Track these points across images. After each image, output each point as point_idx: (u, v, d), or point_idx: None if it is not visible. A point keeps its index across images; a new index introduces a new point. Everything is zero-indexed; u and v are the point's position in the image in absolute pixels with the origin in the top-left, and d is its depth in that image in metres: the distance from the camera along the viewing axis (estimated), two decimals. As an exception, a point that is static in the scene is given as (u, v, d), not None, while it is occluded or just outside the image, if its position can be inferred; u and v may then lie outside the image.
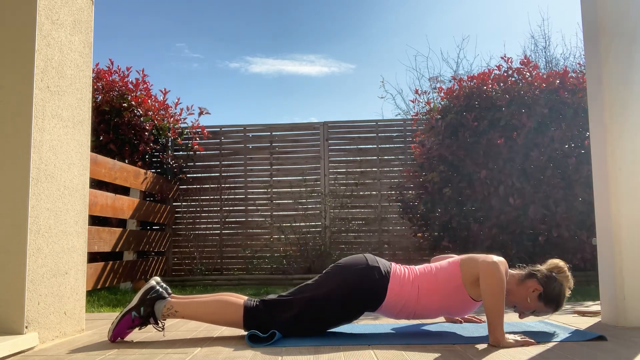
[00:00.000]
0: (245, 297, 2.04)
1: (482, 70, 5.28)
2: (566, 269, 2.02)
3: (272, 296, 2.01)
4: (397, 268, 2.04)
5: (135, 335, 2.08)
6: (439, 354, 1.67)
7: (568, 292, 2.01)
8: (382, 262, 2.03)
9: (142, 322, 1.96)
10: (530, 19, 17.98)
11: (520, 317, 2.06)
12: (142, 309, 1.95)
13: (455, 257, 2.07)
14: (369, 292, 1.96)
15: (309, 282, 2.03)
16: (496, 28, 17.70)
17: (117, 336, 1.95)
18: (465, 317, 2.33)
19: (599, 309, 2.53)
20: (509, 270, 2.03)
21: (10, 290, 1.80)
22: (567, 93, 4.86)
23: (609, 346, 1.76)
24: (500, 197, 4.72)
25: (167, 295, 2.00)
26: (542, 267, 2.03)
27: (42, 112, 1.93)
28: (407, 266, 2.08)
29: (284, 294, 2.02)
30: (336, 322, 2.00)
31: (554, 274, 2.00)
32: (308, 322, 1.95)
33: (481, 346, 1.78)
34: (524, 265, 2.09)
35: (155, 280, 2.03)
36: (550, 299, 1.98)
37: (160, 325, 1.98)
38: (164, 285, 2.04)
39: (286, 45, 18.39)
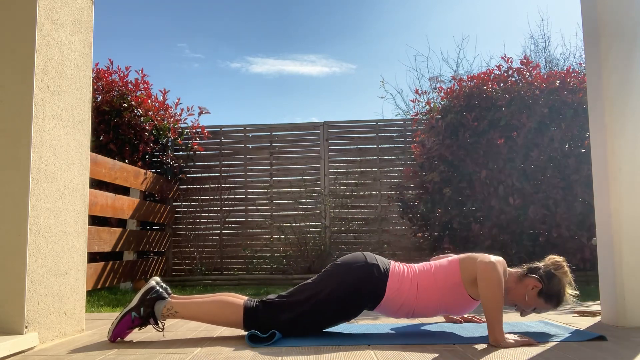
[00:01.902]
0: (245, 298, 2.04)
1: (482, 70, 5.29)
2: (564, 264, 2.03)
3: (271, 296, 2.01)
4: (395, 265, 2.04)
5: (135, 335, 2.08)
6: (439, 354, 1.67)
7: (569, 289, 2.02)
8: (381, 260, 2.03)
9: (142, 323, 1.96)
10: (530, 19, 17.99)
11: (522, 315, 2.06)
12: (142, 309, 1.95)
13: (454, 256, 2.07)
14: (368, 289, 1.96)
15: (308, 281, 2.03)
16: (496, 28, 17.71)
17: (117, 336, 1.95)
18: (465, 316, 2.33)
19: (599, 309, 2.53)
20: (508, 269, 2.04)
21: (10, 290, 1.80)
22: (567, 93, 4.86)
23: (609, 346, 1.76)
24: (500, 197, 4.72)
25: (167, 296, 2.00)
26: (541, 264, 2.05)
27: (42, 112, 1.93)
28: (406, 264, 2.08)
29: (283, 294, 2.02)
30: (336, 320, 2.00)
31: (552, 270, 2.00)
32: (308, 322, 1.95)
33: (481, 346, 1.78)
34: (523, 264, 2.09)
35: (155, 281, 2.03)
36: (550, 296, 1.99)
37: (160, 325, 1.98)
38: (164, 286, 2.04)
39: (287, 45, 18.41)
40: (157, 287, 2.00)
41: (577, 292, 2.05)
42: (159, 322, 1.97)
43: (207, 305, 1.99)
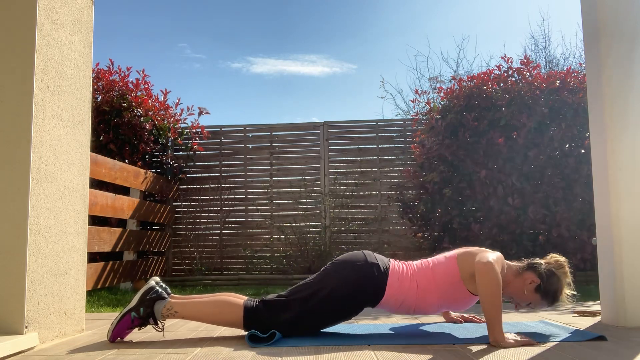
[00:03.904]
0: (245, 297, 2.04)
1: (482, 70, 5.28)
2: (565, 264, 2.04)
3: (271, 296, 2.01)
4: (395, 264, 2.04)
5: (135, 335, 2.08)
6: (439, 354, 1.67)
7: (567, 289, 2.03)
8: (381, 259, 2.03)
9: (142, 323, 1.96)
10: (530, 19, 18.01)
11: (516, 308, 2.08)
12: (141, 309, 1.95)
13: (452, 252, 2.07)
14: (368, 289, 1.96)
15: (308, 280, 2.03)
16: (496, 28, 17.72)
17: (117, 336, 1.95)
18: (465, 316, 2.33)
19: (599, 309, 2.53)
20: (508, 262, 2.05)
21: (10, 290, 1.80)
22: (567, 93, 4.86)
23: (609, 346, 1.76)
24: (500, 197, 4.72)
25: (166, 296, 2.00)
26: (542, 261, 2.06)
27: (42, 112, 1.93)
28: (406, 262, 2.09)
29: (283, 293, 2.02)
30: (336, 320, 2.00)
31: (552, 268, 2.02)
32: (308, 321, 1.95)
33: (481, 346, 1.78)
34: (524, 258, 2.10)
35: (154, 281, 2.03)
36: (546, 293, 2.00)
37: (159, 325, 1.98)
38: (164, 286, 2.04)
39: (288, 46, 18.43)
40: (157, 287, 2.00)
41: (575, 293, 2.06)
42: (158, 322, 1.97)
43: (207, 305, 1.99)
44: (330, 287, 1.94)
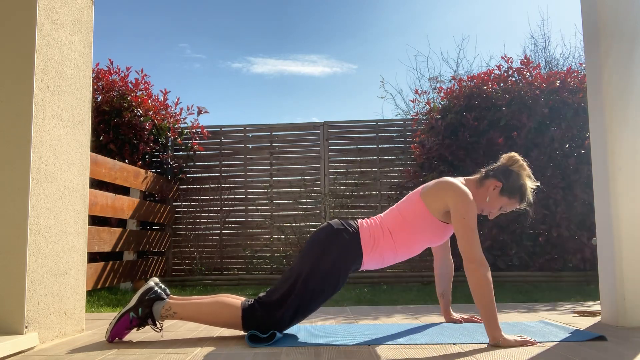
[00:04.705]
0: (243, 298, 2.04)
1: (482, 70, 5.29)
2: (519, 158, 2.06)
3: (262, 294, 2.01)
4: (363, 222, 2.07)
5: (135, 335, 2.08)
6: (439, 354, 1.67)
7: (530, 182, 2.04)
8: (348, 223, 2.06)
9: (140, 323, 1.96)
10: (530, 19, 18.01)
11: (490, 217, 2.09)
12: (140, 309, 1.95)
13: (413, 192, 2.09)
14: (346, 254, 1.97)
15: (290, 267, 2.03)
16: (496, 28, 17.73)
17: (115, 336, 1.95)
18: (465, 317, 2.33)
19: (599, 309, 2.53)
20: (467, 178, 2.10)
21: (10, 290, 1.80)
22: (567, 93, 4.87)
23: (609, 346, 1.76)
24: (500, 197, 4.71)
25: (165, 297, 2.00)
26: (496, 164, 2.08)
27: (42, 112, 1.93)
28: (372, 217, 2.11)
29: (269, 289, 2.03)
30: (330, 293, 1.99)
31: (508, 166, 2.04)
32: (303, 307, 1.95)
33: (481, 346, 1.78)
34: (480, 169, 2.12)
35: (154, 281, 2.03)
36: (511, 191, 2.02)
37: (158, 326, 1.98)
38: (163, 286, 2.04)
39: (288, 46, 18.44)
40: (156, 288, 2.00)
41: (538, 184, 2.08)
42: (157, 322, 1.97)
43: (206, 306, 1.99)
44: (310, 267, 1.95)
